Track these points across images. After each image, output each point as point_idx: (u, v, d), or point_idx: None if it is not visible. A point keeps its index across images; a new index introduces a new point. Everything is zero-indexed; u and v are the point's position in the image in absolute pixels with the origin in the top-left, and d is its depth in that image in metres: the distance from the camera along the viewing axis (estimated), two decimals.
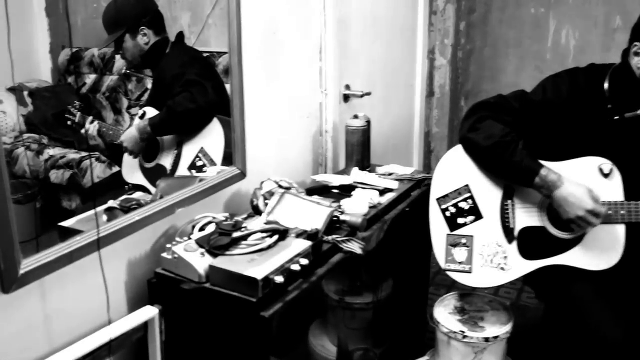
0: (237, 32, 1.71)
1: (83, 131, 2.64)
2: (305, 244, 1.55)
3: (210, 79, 2.60)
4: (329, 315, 2.37)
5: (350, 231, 1.77)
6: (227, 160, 2.35)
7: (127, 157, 2.60)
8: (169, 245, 1.53)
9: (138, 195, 1.73)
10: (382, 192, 2.07)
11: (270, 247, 1.52)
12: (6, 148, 3.83)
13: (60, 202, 3.80)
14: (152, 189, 2.53)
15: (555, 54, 3.35)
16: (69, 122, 2.70)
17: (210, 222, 1.64)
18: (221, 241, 1.49)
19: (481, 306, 2.19)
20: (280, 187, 1.83)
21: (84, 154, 3.64)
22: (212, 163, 2.40)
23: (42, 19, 4.59)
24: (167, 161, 2.53)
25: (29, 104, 4.33)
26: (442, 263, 2.06)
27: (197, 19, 4.00)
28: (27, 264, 1.23)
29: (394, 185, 2.12)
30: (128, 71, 2.80)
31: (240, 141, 1.76)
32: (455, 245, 2.06)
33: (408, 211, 2.09)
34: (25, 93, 4.35)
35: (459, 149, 2.05)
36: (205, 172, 2.40)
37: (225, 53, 3.68)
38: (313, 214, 1.72)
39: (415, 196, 2.18)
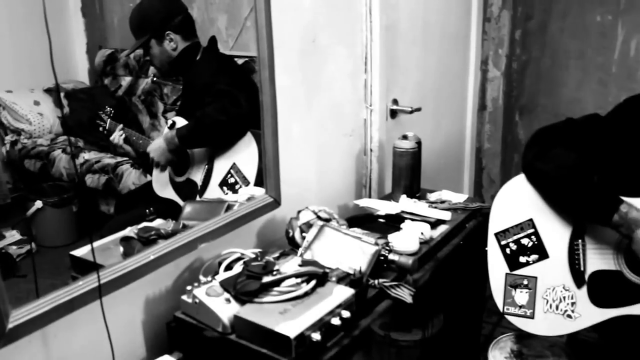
0: (268, 43, 1.50)
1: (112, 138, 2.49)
2: (347, 292, 1.33)
3: (244, 88, 2.40)
4: (373, 351, 2.16)
5: (399, 273, 1.55)
6: (262, 177, 2.15)
7: (156, 170, 2.43)
8: (189, 287, 1.32)
9: (158, 223, 1.52)
10: (434, 223, 1.83)
11: (306, 294, 1.30)
12: (43, 150, 3.74)
13: (98, 206, 3.68)
14: (181, 203, 2.36)
15: (622, 66, 3.05)
16: (100, 128, 2.55)
17: (238, 259, 1.44)
18: (249, 285, 1.28)
19: (540, 350, 1.95)
20: (319, 218, 1.61)
21: (119, 158, 3.51)
22: (245, 181, 2.20)
23: (78, 19, 4.48)
24: (197, 176, 2.35)
25: (65, 106, 4.22)
26: (500, 305, 1.83)
27: (234, 21, 3.81)
28: (17, 316, 1.04)
29: (447, 215, 1.88)
30: (155, 79, 2.63)
31: (273, 166, 1.55)
32: (515, 287, 1.83)
33: (462, 244, 1.86)
34: (62, 94, 4.24)
35: (521, 179, 1.81)
36: (237, 190, 2.22)
37: None
38: (356, 252, 1.50)
39: (470, 228, 1.94)
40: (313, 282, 1.32)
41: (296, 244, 1.61)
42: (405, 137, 1.99)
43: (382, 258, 1.52)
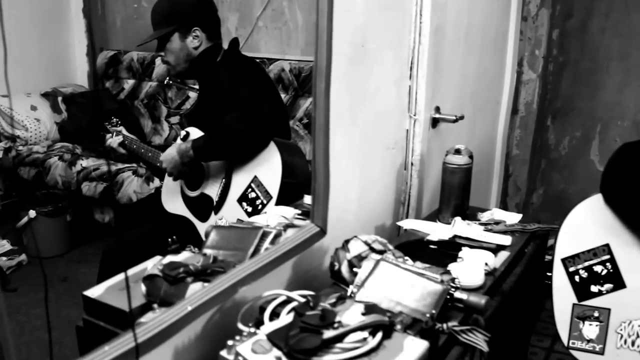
0: (327, 50, 1.27)
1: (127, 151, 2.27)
2: (420, 346, 1.11)
3: (267, 97, 2.18)
4: None
5: (467, 312, 1.33)
6: (286, 192, 1.93)
7: (167, 181, 2.20)
8: (230, 342, 1.10)
9: (185, 256, 1.29)
10: (494, 250, 1.62)
11: (373, 350, 1.08)
12: (39, 157, 3.51)
13: (92, 215, 3.46)
14: (195, 222, 2.13)
15: None
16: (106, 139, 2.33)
17: (284, 302, 1.21)
18: (307, 341, 1.06)
19: None
20: (372, 249, 1.39)
21: (120, 165, 3.28)
22: (267, 195, 1.98)
23: (79, 20, 4.24)
24: (213, 190, 2.12)
25: (63, 111, 3.98)
26: (565, 338, 1.64)
27: (245, 21, 3.61)
28: None
29: (507, 240, 1.66)
30: (171, 81, 2.41)
31: (323, 192, 1.32)
32: (584, 319, 1.63)
33: (525, 273, 1.64)
34: (60, 99, 3.99)
35: (597, 200, 1.61)
36: (257, 206, 1.99)
37: (277, 60, 3.30)
38: (419, 291, 1.28)
39: (529, 253, 1.72)
40: (379, 335, 1.10)
41: (342, 279, 1.39)
42: (457, 152, 1.77)
43: (448, 297, 1.30)
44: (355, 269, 1.34)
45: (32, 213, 3.25)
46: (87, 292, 1.22)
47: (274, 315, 1.18)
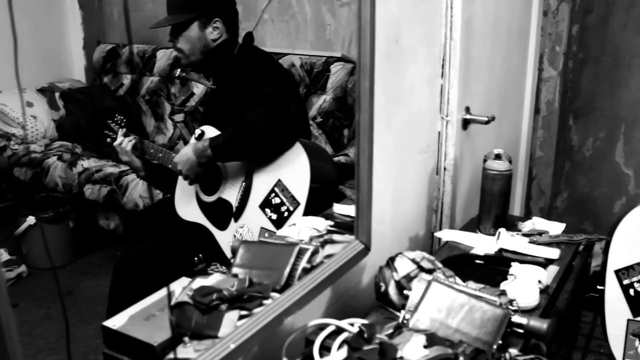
0: (371, 45, 1.13)
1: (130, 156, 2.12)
2: None
3: (292, 94, 2.04)
4: None
5: (527, 338, 1.20)
6: (315, 198, 1.79)
7: (180, 184, 2.05)
8: None
9: (217, 279, 1.15)
10: (543, 264, 1.49)
11: None
12: (36, 157, 3.32)
13: (96, 221, 3.28)
14: (213, 230, 1.98)
15: None
16: (108, 140, 2.17)
17: (334, 333, 1.08)
18: None
19: None
20: (421, 268, 1.25)
21: (123, 167, 3.10)
22: (293, 202, 1.84)
23: (75, 12, 4.05)
24: (231, 195, 1.97)
25: (61, 107, 3.78)
26: (620, 356, 1.51)
27: (249, 13, 3.46)
28: None
29: (554, 253, 1.54)
30: (183, 74, 2.25)
31: (367, 203, 1.19)
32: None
33: (578, 289, 1.52)
34: (57, 94, 3.80)
35: None
36: (283, 213, 1.86)
37: (285, 54, 3.15)
38: (478, 315, 1.15)
39: (577, 266, 1.60)
40: None
41: (389, 302, 1.26)
42: (498, 157, 1.64)
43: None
44: (405, 292, 1.21)
45: (31, 219, 3.05)
46: (107, 322, 1.08)
47: (323, 348, 1.05)
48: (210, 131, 1.99)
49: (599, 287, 1.56)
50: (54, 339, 2.44)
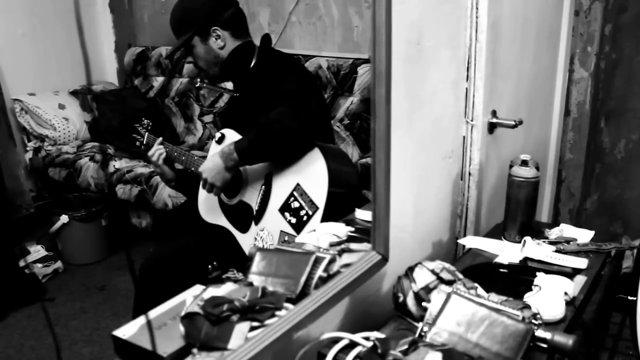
0: (387, 49, 1.10)
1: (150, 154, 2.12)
2: None
3: (313, 93, 2.02)
4: None
5: (550, 353, 1.16)
6: (334, 202, 1.77)
7: (203, 191, 2.04)
8: None
9: (229, 289, 1.13)
10: (570, 274, 1.44)
11: None
12: (69, 157, 3.38)
13: (129, 219, 3.33)
14: (235, 233, 1.97)
15: None
16: (137, 142, 2.18)
17: (347, 346, 1.05)
18: None
19: None
20: (441, 280, 1.22)
21: (152, 167, 3.13)
22: (312, 206, 1.82)
23: (106, 15, 4.10)
24: (252, 198, 1.96)
25: (93, 109, 3.84)
26: None
27: (277, 16, 3.44)
28: None
29: (582, 263, 1.48)
30: (204, 84, 2.26)
31: (384, 214, 1.16)
32: None
33: (606, 300, 1.47)
34: (90, 97, 3.86)
35: None
36: (302, 217, 1.84)
37: (313, 56, 3.13)
38: (499, 330, 1.11)
39: (606, 276, 1.54)
40: None
41: (408, 313, 1.23)
42: (524, 163, 1.59)
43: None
44: (423, 303, 1.18)
45: (64, 218, 3.13)
46: (117, 331, 1.07)
47: None
48: (231, 134, 1.98)
49: (631, 297, 1.50)
50: (89, 332, 2.53)
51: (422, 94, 1.49)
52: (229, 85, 2.21)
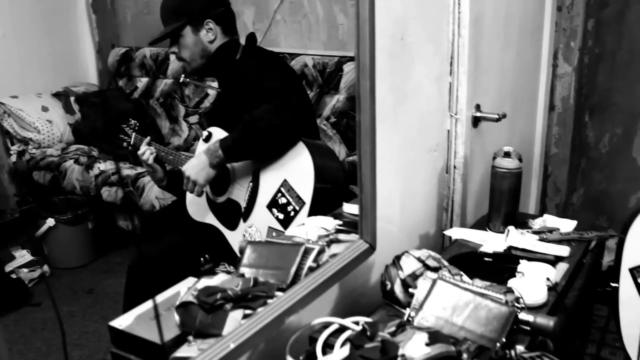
0: (370, 43, 1.13)
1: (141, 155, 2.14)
2: None
3: (296, 89, 2.05)
4: None
5: (533, 335, 1.20)
6: (320, 198, 1.79)
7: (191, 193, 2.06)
8: None
9: (222, 279, 1.16)
10: (552, 261, 1.48)
11: None
12: (53, 160, 3.38)
13: (115, 222, 3.33)
14: (224, 230, 2.00)
15: None
16: (124, 144, 2.20)
17: (337, 331, 1.08)
18: None
19: None
20: (426, 266, 1.26)
21: (139, 169, 3.13)
22: (299, 201, 1.84)
23: (89, 16, 4.07)
24: (240, 195, 1.98)
25: (76, 111, 3.82)
26: (634, 357, 1.49)
27: (262, 15, 3.47)
28: None
29: (565, 251, 1.52)
30: (187, 79, 2.27)
31: (370, 204, 1.19)
32: None
33: (587, 286, 1.51)
34: (72, 99, 3.84)
35: None
36: (289, 213, 1.86)
37: (298, 55, 3.15)
38: (483, 313, 1.15)
39: (588, 264, 1.58)
40: None
41: (395, 300, 1.26)
42: (507, 155, 1.63)
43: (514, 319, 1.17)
44: (410, 290, 1.21)
45: (50, 221, 3.12)
46: (114, 322, 1.10)
47: (327, 346, 1.05)
48: (218, 132, 2.01)
49: (613, 284, 1.54)
50: (77, 336, 2.51)
51: (407, 88, 1.52)
52: (214, 83, 2.23)
